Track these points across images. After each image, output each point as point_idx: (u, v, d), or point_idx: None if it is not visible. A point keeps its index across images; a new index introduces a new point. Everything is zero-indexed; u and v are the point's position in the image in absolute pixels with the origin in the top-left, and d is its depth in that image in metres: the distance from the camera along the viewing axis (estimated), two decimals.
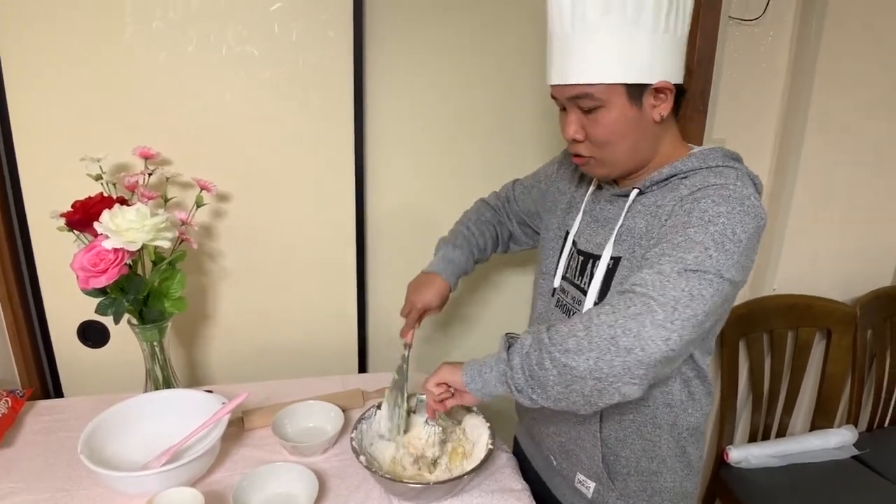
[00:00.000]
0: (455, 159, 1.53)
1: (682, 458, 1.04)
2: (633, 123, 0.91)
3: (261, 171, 1.41)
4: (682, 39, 0.91)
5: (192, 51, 1.29)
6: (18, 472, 1.09)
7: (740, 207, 0.83)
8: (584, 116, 0.92)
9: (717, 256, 0.80)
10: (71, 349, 1.44)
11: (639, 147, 0.94)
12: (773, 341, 1.78)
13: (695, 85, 1.42)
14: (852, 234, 1.80)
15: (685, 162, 0.92)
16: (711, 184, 0.86)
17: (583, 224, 1.06)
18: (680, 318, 0.77)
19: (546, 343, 0.82)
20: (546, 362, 0.82)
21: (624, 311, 0.78)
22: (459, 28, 1.42)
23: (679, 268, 0.79)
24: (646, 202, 0.95)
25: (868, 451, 1.75)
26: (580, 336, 0.80)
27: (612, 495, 1.04)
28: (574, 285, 1.05)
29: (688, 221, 0.84)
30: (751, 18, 1.51)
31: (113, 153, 1.27)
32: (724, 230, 0.81)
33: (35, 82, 1.25)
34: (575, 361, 0.79)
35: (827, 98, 1.59)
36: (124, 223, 1.09)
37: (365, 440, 1.13)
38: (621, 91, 0.88)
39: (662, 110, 0.91)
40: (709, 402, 1.04)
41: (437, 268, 1.22)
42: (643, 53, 0.86)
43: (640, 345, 0.76)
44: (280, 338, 1.54)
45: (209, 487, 1.06)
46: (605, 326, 0.78)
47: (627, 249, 0.95)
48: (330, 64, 1.36)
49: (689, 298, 0.78)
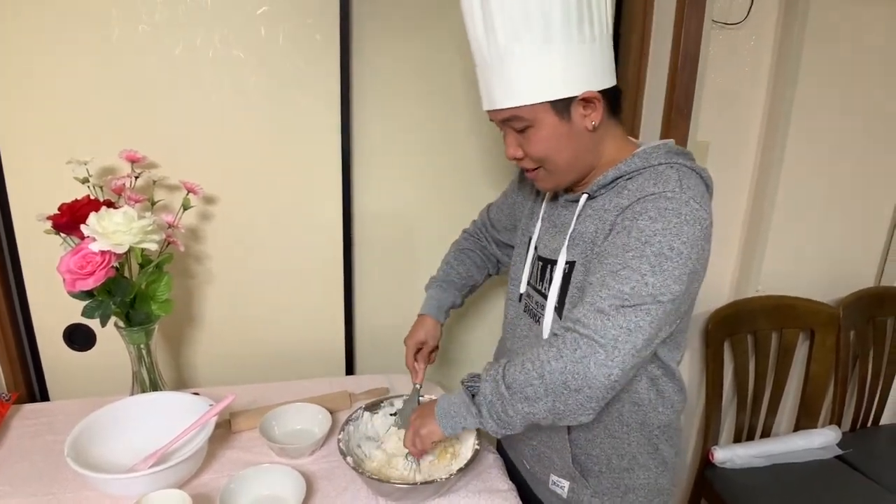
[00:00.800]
0: (441, 161, 1.54)
1: (654, 456, 1.05)
2: (566, 136, 0.93)
3: (248, 174, 1.41)
4: (604, 43, 0.92)
5: (179, 54, 1.30)
6: (4, 476, 1.09)
7: (676, 219, 0.84)
8: (519, 136, 0.96)
9: (653, 282, 0.83)
10: (57, 352, 1.43)
11: (578, 157, 0.96)
12: (757, 342, 1.79)
13: (679, 87, 1.44)
14: (835, 235, 1.82)
15: (628, 163, 0.94)
16: (650, 193, 0.87)
17: (542, 230, 1.09)
18: (620, 354, 0.83)
19: (506, 396, 0.89)
20: (509, 410, 0.90)
21: (571, 356, 0.84)
22: (446, 31, 1.43)
23: (616, 304, 0.84)
24: (595, 206, 0.97)
25: (851, 450, 1.77)
26: (536, 385, 0.86)
27: (586, 493, 1.06)
28: (536, 290, 1.07)
29: (627, 244, 0.86)
30: (734, 22, 1.53)
31: (100, 156, 1.27)
32: (661, 249, 0.84)
33: (21, 85, 1.25)
34: (535, 408, 0.88)
35: (809, 100, 1.61)
36: (111, 226, 1.09)
37: (352, 442, 1.13)
38: (547, 108, 0.91)
39: (594, 119, 0.93)
40: (681, 400, 1.05)
41: (425, 309, 1.28)
42: (560, 69, 0.89)
43: (588, 384, 0.83)
44: (267, 340, 1.55)
45: (196, 490, 1.06)
46: (557, 373, 0.85)
47: (580, 254, 0.96)
48: (316, 67, 1.37)
49: (628, 334, 0.83)
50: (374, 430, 1.19)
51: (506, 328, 1.19)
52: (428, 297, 1.30)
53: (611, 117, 0.97)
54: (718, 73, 1.57)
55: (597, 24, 0.89)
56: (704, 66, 1.50)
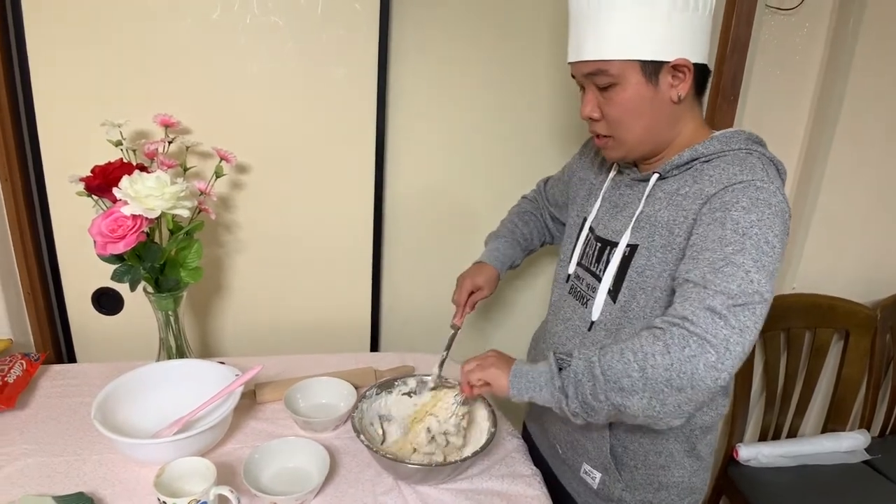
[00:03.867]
0: (477, 138, 1.51)
1: (691, 455, 1.02)
2: (648, 102, 0.89)
3: (281, 144, 1.39)
4: (706, 17, 0.88)
5: (217, 18, 1.28)
6: (31, 435, 1.10)
7: (769, 210, 0.81)
8: (600, 95, 0.92)
9: (757, 279, 0.79)
10: (85, 315, 1.44)
11: (655, 127, 0.92)
12: (789, 340, 1.75)
13: (726, 73, 1.39)
14: (877, 235, 1.77)
15: (706, 145, 0.90)
16: (738, 181, 0.84)
17: (601, 210, 1.05)
18: (730, 356, 0.78)
19: (600, 378, 0.83)
20: (600, 396, 0.83)
21: (679, 353, 0.78)
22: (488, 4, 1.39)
23: (728, 303, 0.79)
24: (667, 188, 0.93)
25: (880, 456, 1.73)
26: (635, 377, 0.80)
27: (618, 486, 1.03)
28: (589, 272, 1.04)
29: (724, 237, 0.82)
30: (788, 8, 1.47)
31: (133, 120, 1.26)
32: (759, 242, 0.80)
33: (58, 46, 1.24)
34: (629, 401, 0.81)
35: (860, 94, 1.55)
36: (144, 190, 1.08)
37: (365, 419, 1.12)
38: (636, 67, 0.87)
39: (681, 90, 0.89)
40: (725, 404, 1.03)
41: (486, 257, 1.26)
42: (660, 29, 0.85)
43: (693, 384, 0.78)
44: (293, 312, 1.54)
45: (219, 458, 1.06)
46: (661, 369, 0.79)
47: (646, 237, 0.93)
48: (354, 37, 1.34)
49: (739, 335, 0.78)
50: (388, 408, 1.17)
51: (550, 310, 1.16)
52: (491, 249, 1.26)
53: (695, 96, 0.93)
54: (768, 59, 1.51)
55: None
56: (754, 50, 1.45)
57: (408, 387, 1.19)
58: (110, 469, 1.03)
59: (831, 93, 1.56)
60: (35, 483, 0.99)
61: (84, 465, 1.03)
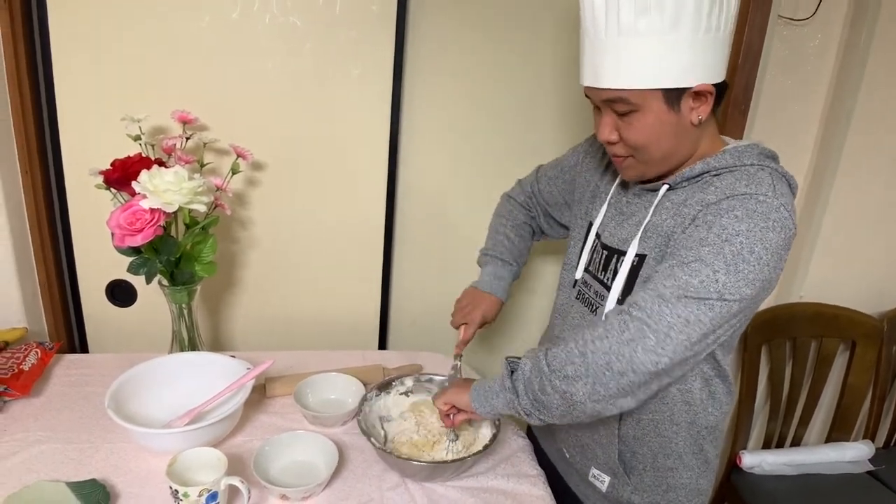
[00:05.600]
0: (490, 141, 1.52)
1: (699, 456, 1.03)
2: (670, 127, 0.87)
3: (296, 143, 1.41)
4: (727, 36, 0.86)
5: (237, 17, 1.30)
6: (45, 422, 1.12)
7: (764, 223, 0.81)
8: (618, 119, 0.89)
9: (724, 280, 0.80)
10: (99, 306, 1.46)
11: (676, 150, 0.91)
12: (795, 349, 1.76)
13: (738, 83, 1.40)
14: (885, 246, 1.76)
15: (718, 159, 0.89)
16: (741, 193, 0.83)
17: (607, 217, 1.04)
18: (671, 343, 0.80)
19: (546, 371, 0.87)
20: (547, 388, 0.87)
21: (618, 337, 0.82)
22: (504, 5, 1.40)
23: (679, 293, 0.81)
24: (674, 199, 0.92)
25: (883, 467, 1.72)
26: (577, 363, 0.84)
27: (626, 489, 1.04)
28: (597, 279, 1.03)
29: (705, 238, 0.82)
30: (800, 18, 1.48)
31: (152, 115, 1.28)
32: (741, 250, 0.80)
33: (80, 43, 1.26)
34: (574, 387, 0.84)
35: (872, 104, 1.55)
36: (162, 184, 1.10)
37: (368, 421, 1.13)
38: (658, 96, 0.84)
39: (701, 112, 0.87)
40: (729, 402, 1.03)
41: (490, 287, 1.24)
42: (682, 57, 0.82)
43: (632, 367, 0.81)
44: (304, 309, 1.56)
45: (229, 450, 1.06)
46: (601, 353, 0.82)
47: (653, 247, 0.93)
48: (371, 39, 1.36)
49: (685, 324, 0.80)
50: (387, 409, 1.19)
51: (555, 315, 1.16)
52: (492, 276, 1.24)
53: (711, 113, 0.91)
54: (779, 70, 1.52)
55: (725, 13, 0.83)
56: (766, 61, 1.45)
57: (405, 386, 1.22)
58: (122, 458, 1.05)
59: (843, 103, 1.56)
60: (49, 469, 1.01)
61: (97, 453, 1.05)
